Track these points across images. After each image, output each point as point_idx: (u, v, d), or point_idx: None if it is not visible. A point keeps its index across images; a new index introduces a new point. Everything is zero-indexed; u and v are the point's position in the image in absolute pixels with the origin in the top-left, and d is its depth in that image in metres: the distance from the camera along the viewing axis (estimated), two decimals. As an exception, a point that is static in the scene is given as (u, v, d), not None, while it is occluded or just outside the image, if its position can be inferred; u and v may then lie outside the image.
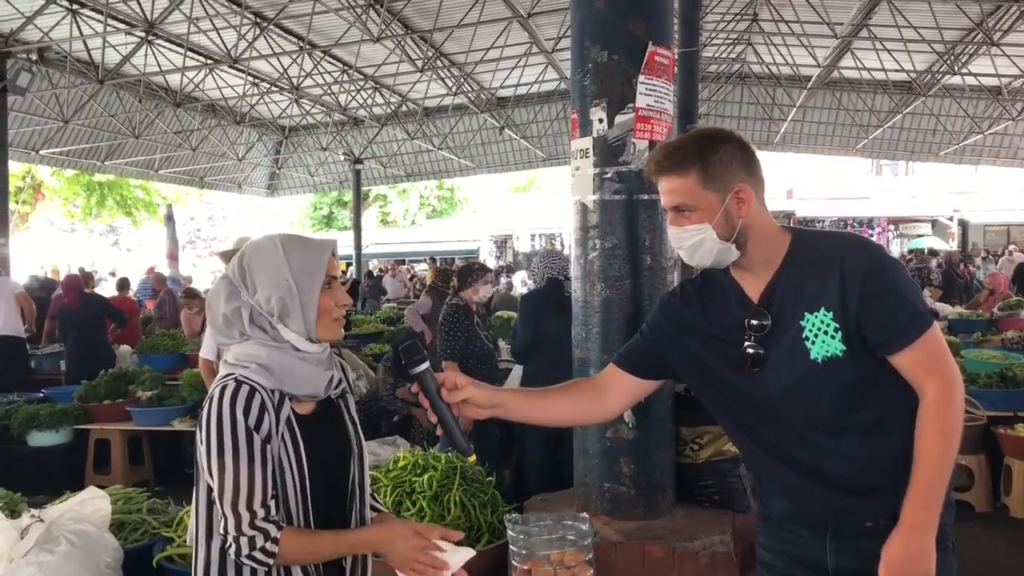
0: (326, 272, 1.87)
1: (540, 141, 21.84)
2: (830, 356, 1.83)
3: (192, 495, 1.88)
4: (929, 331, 1.80)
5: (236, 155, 21.67)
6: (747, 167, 1.89)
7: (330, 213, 37.78)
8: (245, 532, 1.71)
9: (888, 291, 1.81)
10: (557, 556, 2.15)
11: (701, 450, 3.21)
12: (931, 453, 1.76)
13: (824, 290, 1.83)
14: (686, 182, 1.86)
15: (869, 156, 24.43)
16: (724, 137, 1.90)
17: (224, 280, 1.87)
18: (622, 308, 2.92)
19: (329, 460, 1.91)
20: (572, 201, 3.03)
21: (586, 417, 2.29)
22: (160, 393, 7.02)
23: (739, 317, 1.93)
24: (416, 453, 3.43)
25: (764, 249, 1.91)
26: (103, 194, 28.62)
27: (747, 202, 1.87)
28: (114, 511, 3.16)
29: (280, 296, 1.81)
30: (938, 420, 1.77)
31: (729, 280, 1.99)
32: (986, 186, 27.77)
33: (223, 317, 1.84)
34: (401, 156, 23.56)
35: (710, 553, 2.77)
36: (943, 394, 1.78)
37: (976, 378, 6.32)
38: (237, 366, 1.80)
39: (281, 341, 1.83)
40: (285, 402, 1.82)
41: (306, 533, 1.80)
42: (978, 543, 5.29)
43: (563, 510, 2.86)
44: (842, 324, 1.81)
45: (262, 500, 1.72)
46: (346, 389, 2.00)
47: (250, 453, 1.72)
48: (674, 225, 1.92)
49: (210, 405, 1.76)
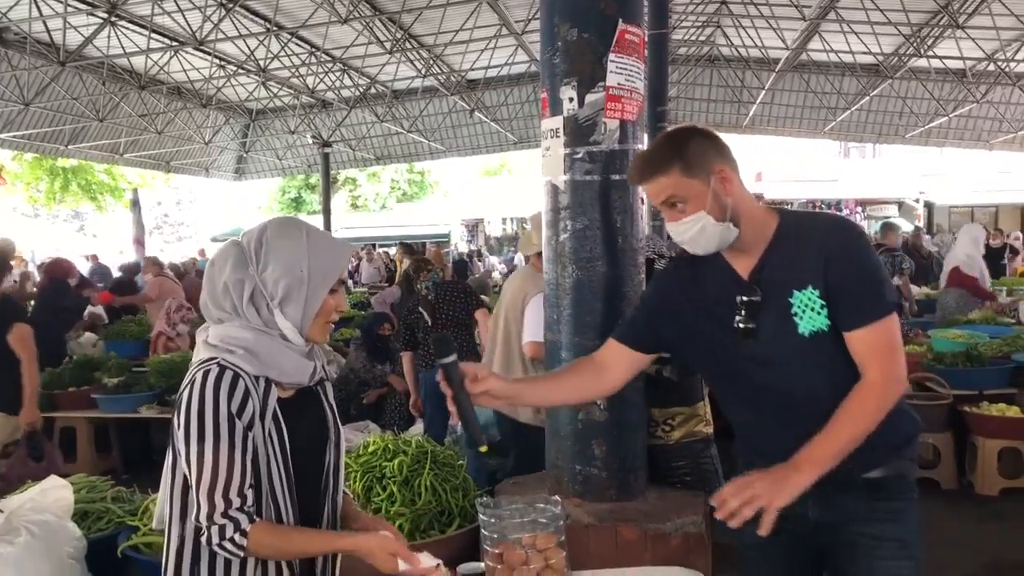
0: (339, 276, 1.87)
1: (511, 124, 21.74)
2: (816, 331, 1.96)
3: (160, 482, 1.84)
4: (887, 319, 1.95)
5: (203, 138, 21.38)
6: (720, 152, 2.01)
7: (298, 196, 37.41)
8: (216, 521, 1.68)
9: (860, 273, 1.95)
10: (529, 539, 2.14)
11: (673, 431, 3.21)
12: (847, 421, 1.91)
13: (810, 269, 1.96)
14: (670, 177, 1.97)
15: (837, 138, 24.61)
16: (691, 131, 2.04)
17: (235, 247, 1.83)
18: (593, 290, 2.90)
19: (306, 446, 1.88)
20: (543, 182, 2.99)
21: (589, 394, 2.41)
22: (127, 380, 6.91)
23: (730, 293, 2.05)
24: (386, 438, 3.40)
25: (753, 229, 2.03)
26: (67, 179, 28.12)
27: (731, 181, 1.99)
28: (77, 500, 3.10)
29: (288, 283, 1.78)
30: (865, 400, 1.92)
31: (720, 259, 2.09)
32: (951, 168, 28.08)
33: (223, 284, 1.79)
34: (370, 139, 23.35)
35: (682, 534, 2.77)
36: (881, 380, 1.93)
37: (942, 358, 6.40)
38: (221, 349, 1.76)
39: (272, 327, 1.80)
40: (272, 389, 1.79)
41: (278, 530, 1.76)
42: (944, 520, 5.36)
43: (535, 493, 2.84)
44: (827, 301, 1.95)
45: (239, 489, 1.69)
46: (324, 376, 1.98)
47: (231, 441, 1.69)
48: (672, 221, 2.02)
49: (191, 389, 1.72)
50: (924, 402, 6.09)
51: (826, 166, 30.63)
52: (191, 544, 1.78)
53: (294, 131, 21.48)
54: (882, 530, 2.02)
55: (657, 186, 1.99)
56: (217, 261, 1.84)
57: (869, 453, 1.97)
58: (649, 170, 2.00)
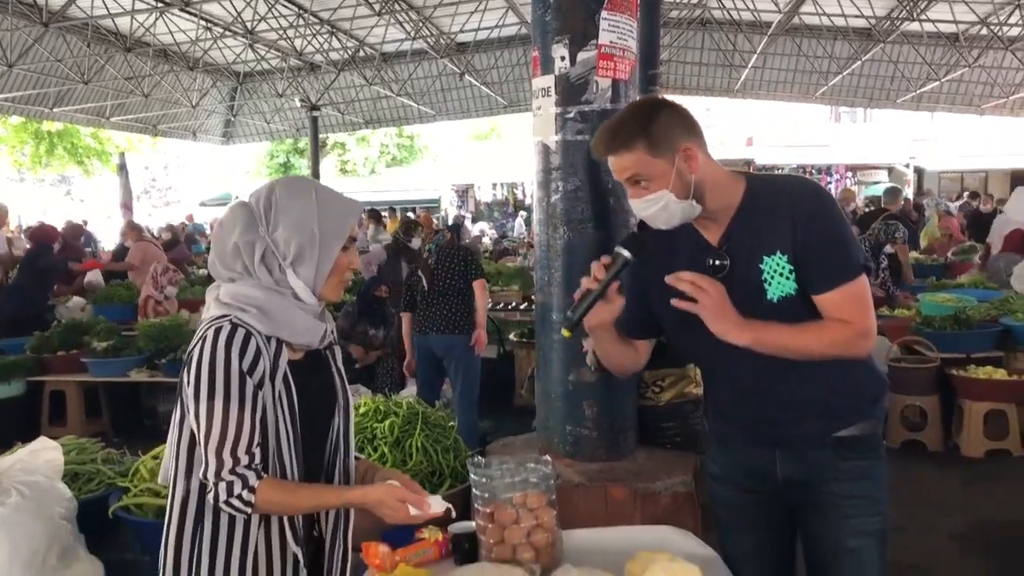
0: (350, 234, 1.84)
1: (501, 87, 21.55)
2: (785, 296, 1.98)
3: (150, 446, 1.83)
4: (856, 281, 1.96)
5: (190, 102, 21.10)
6: (686, 127, 1.99)
7: (287, 161, 37.10)
8: (224, 478, 1.67)
9: (828, 236, 1.95)
10: (520, 498, 2.15)
11: (663, 392, 3.22)
12: (802, 332, 1.95)
13: (779, 234, 1.97)
14: (634, 156, 1.95)
15: (828, 103, 24.53)
16: (659, 104, 2.02)
17: (243, 208, 1.81)
18: (585, 251, 2.88)
19: (315, 409, 1.88)
20: (534, 142, 2.97)
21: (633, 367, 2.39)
22: (116, 344, 6.89)
23: (700, 260, 2.05)
24: (378, 399, 3.40)
25: (719, 198, 2.02)
26: (52, 142, 27.78)
27: (695, 159, 1.97)
28: (67, 462, 3.10)
29: (300, 243, 1.76)
30: (826, 330, 1.95)
31: (689, 227, 2.08)
32: (941, 133, 28.05)
33: (234, 245, 1.77)
34: (359, 103, 23.12)
35: (672, 494, 2.79)
36: (847, 329, 1.94)
37: (931, 321, 6.43)
38: (233, 307, 1.74)
39: (284, 286, 1.78)
40: (283, 349, 1.78)
41: (286, 486, 1.76)
42: (930, 481, 5.43)
43: (525, 453, 2.85)
44: (795, 265, 1.96)
45: (247, 447, 1.69)
46: (333, 341, 1.97)
47: (241, 398, 1.68)
48: (634, 197, 2.01)
49: (203, 346, 1.70)
50: (912, 365, 6.14)
51: (817, 131, 30.54)
52: (195, 501, 1.77)
53: (282, 94, 21.25)
54: (852, 488, 2.05)
55: (621, 162, 1.98)
56: (226, 223, 1.81)
57: (838, 413, 2.04)
58: (613, 145, 1.98)
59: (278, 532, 1.80)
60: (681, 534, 2.39)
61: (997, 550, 4.25)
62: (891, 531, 2.16)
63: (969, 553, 4.31)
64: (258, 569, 1.78)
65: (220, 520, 1.77)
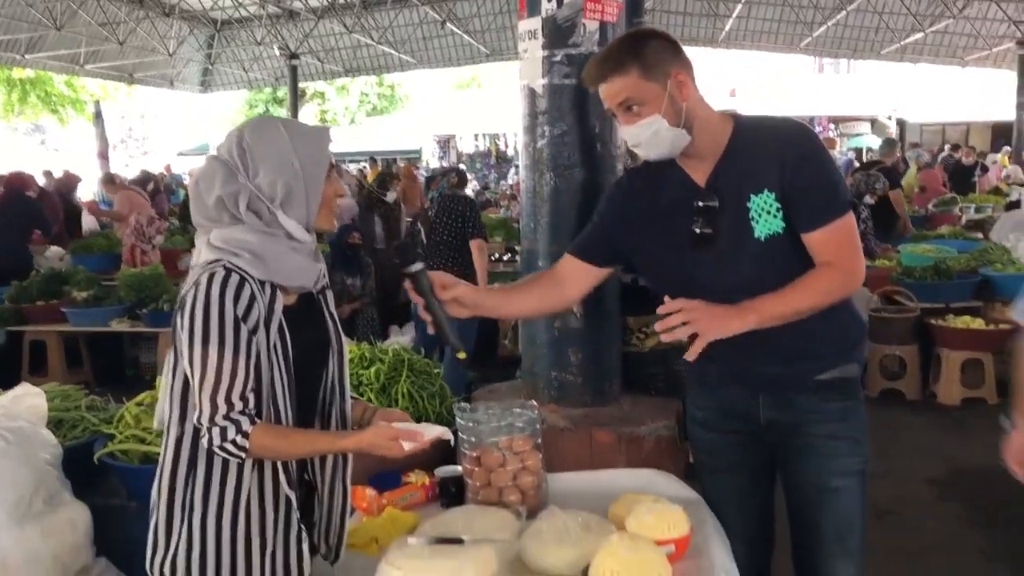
0: (329, 160, 1.81)
1: (483, 36, 21.28)
2: (772, 234, 1.98)
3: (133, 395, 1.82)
4: (843, 218, 1.98)
5: (167, 49, 20.71)
6: (677, 55, 1.98)
7: (266, 111, 36.65)
8: (218, 423, 1.67)
9: (817, 175, 1.97)
10: (506, 442, 2.17)
11: (647, 339, 3.24)
12: (799, 290, 1.95)
13: (767, 173, 1.97)
14: (627, 79, 1.93)
15: (813, 54, 24.44)
16: (649, 33, 2.04)
17: (216, 162, 1.77)
18: (572, 197, 2.87)
19: (309, 354, 1.87)
20: (520, 86, 2.94)
21: (548, 307, 2.39)
22: (96, 293, 6.83)
23: (688, 200, 2.04)
24: (363, 347, 3.40)
25: (708, 135, 2.01)
26: (25, 90, 27.26)
27: (687, 85, 1.96)
28: (51, 408, 3.07)
29: (286, 181, 1.74)
30: (820, 278, 1.96)
31: (675, 167, 2.08)
32: (924, 85, 28.02)
33: (217, 199, 1.73)
34: (339, 51, 22.80)
35: (655, 438, 2.82)
36: (838, 270, 1.96)
37: (911, 272, 6.48)
38: (226, 251, 1.72)
39: (276, 228, 1.75)
40: (277, 295, 1.76)
41: (279, 431, 1.75)
42: (908, 429, 5.52)
43: (511, 399, 2.86)
44: (783, 204, 1.96)
45: (241, 392, 1.68)
46: (326, 284, 1.96)
47: (235, 343, 1.67)
48: (626, 124, 1.99)
49: (196, 291, 1.68)
50: (892, 315, 6.20)
51: (801, 83, 30.43)
52: (189, 445, 1.77)
53: (260, 42, 20.93)
54: (835, 429, 2.09)
55: (614, 87, 1.96)
56: (203, 179, 1.77)
57: (820, 356, 2.07)
58: (606, 70, 1.97)
59: (271, 476, 1.80)
60: (665, 477, 2.42)
61: (970, 494, 4.35)
62: (869, 478, 2.20)
63: (944, 498, 4.41)
64: (251, 512, 1.79)
65: (213, 464, 1.77)
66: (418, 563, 1.74)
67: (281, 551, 1.82)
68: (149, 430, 2.89)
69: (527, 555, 1.87)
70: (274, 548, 1.81)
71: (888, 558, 3.69)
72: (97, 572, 2.83)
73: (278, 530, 1.82)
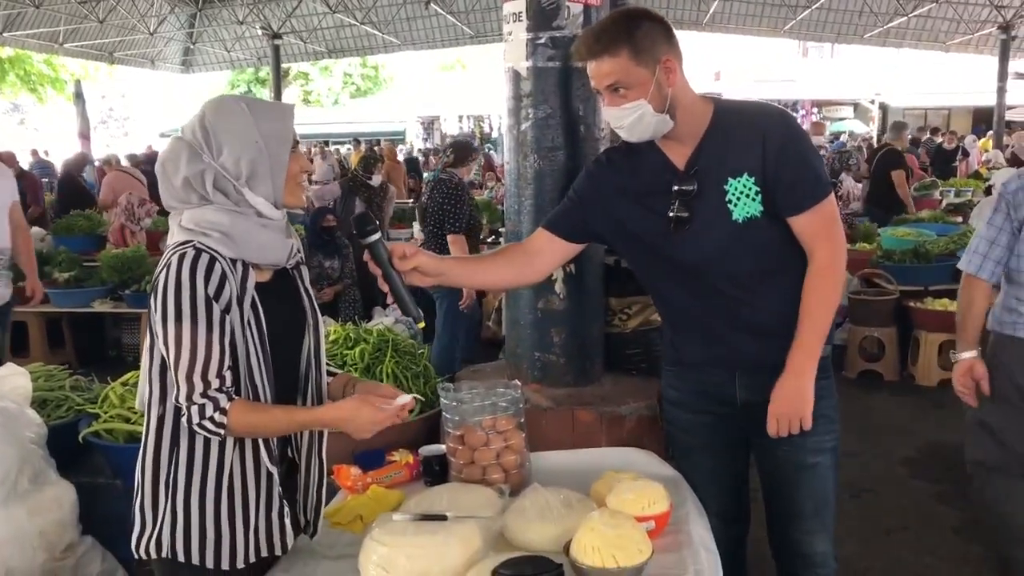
0: (292, 136, 1.82)
1: (467, 17, 21.14)
2: (750, 217, 2.02)
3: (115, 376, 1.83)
4: (827, 199, 2.03)
5: (147, 28, 20.47)
6: (668, 40, 2.00)
7: (248, 91, 36.33)
8: (196, 401, 1.68)
9: (800, 159, 2.01)
10: (489, 422, 2.21)
11: (629, 320, 3.27)
12: (815, 311, 2.03)
13: (747, 157, 2.00)
14: (618, 62, 1.94)
15: (796, 38, 24.45)
16: (644, 14, 2.03)
17: (180, 143, 1.78)
18: (555, 180, 2.89)
19: (284, 330, 1.88)
20: (504, 68, 2.94)
21: (517, 280, 2.41)
22: (78, 275, 6.80)
23: (666, 183, 2.07)
24: (348, 327, 3.42)
25: (689, 119, 2.04)
26: (3, 69, 26.89)
27: (674, 71, 1.98)
28: (35, 388, 3.08)
29: (251, 159, 1.75)
30: (823, 282, 2.02)
31: (655, 149, 2.10)
32: (907, 69, 28.14)
33: (183, 180, 1.75)
34: (322, 31, 22.57)
35: (636, 417, 2.85)
36: (830, 257, 2.03)
37: (891, 254, 6.55)
38: (196, 232, 1.73)
39: (244, 206, 1.77)
40: (249, 272, 1.77)
41: (258, 407, 1.77)
42: (885, 409, 5.60)
43: (495, 379, 2.89)
44: (762, 188, 2.00)
45: (217, 370, 1.69)
46: (300, 260, 1.97)
47: (208, 321, 1.68)
48: (612, 105, 2.01)
49: (167, 272, 1.69)
50: (872, 298, 6.27)
51: (784, 67, 30.49)
52: (171, 424, 1.79)
53: (243, 21, 20.70)
54: None
55: (603, 68, 1.98)
56: (167, 162, 1.79)
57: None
58: (597, 49, 1.97)
59: (252, 453, 1.82)
60: (646, 455, 2.46)
61: (944, 474, 4.42)
62: (846, 456, 2.26)
63: (918, 476, 4.48)
64: (233, 489, 1.81)
65: (196, 442, 1.79)
66: (403, 539, 1.78)
67: (264, 527, 1.85)
68: (134, 409, 2.91)
69: (510, 531, 1.91)
70: (257, 524, 1.84)
71: (864, 535, 3.77)
72: (83, 550, 2.86)
73: (260, 506, 1.84)
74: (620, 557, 1.64)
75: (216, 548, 1.80)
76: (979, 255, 2.85)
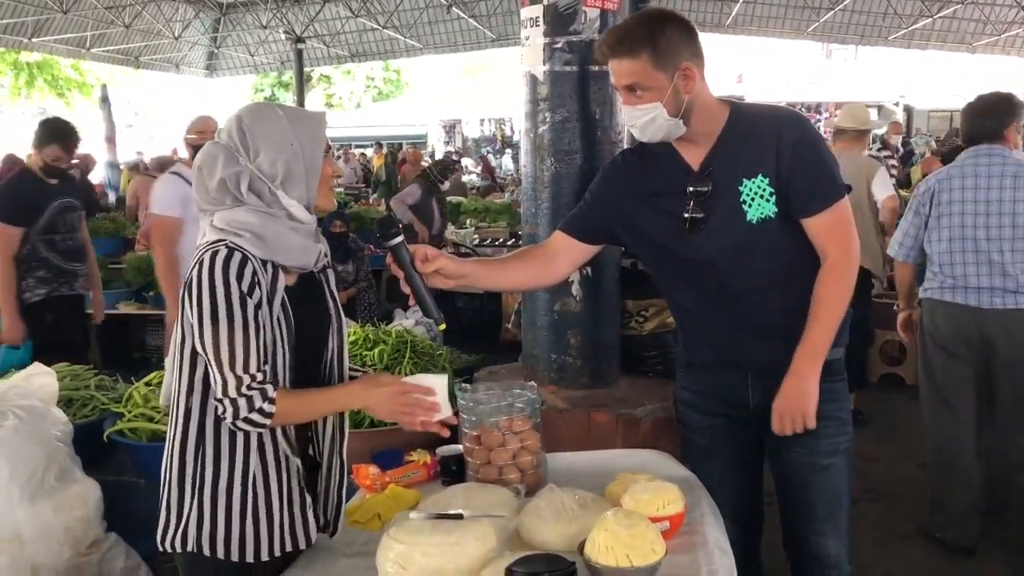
0: (326, 142, 1.87)
1: (489, 20, 21.16)
2: (764, 218, 2.03)
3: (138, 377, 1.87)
4: (841, 201, 2.04)
5: (172, 33, 20.69)
6: (691, 46, 2.02)
7: (272, 95, 36.58)
8: (244, 393, 1.71)
9: (815, 161, 2.03)
10: (506, 423, 2.22)
11: (646, 322, 3.28)
12: (822, 314, 2.04)
13: (761, 158, 2.02)
14: (637, 64, 1.97)
15: (820, 40, 24.28)
16: (669, 17, 2.05)
17: (216, 146, 1.82)
18: (572, 183, 2.91)
19: (310, 333, 1.92)
20: (521, 72, 2.97)
21: (537, 282, 2.45)
22: (104, 277, 6.88)
23: (681, 184, 2.09)
24: (367, 328, 3.45)
25: (705, 121, 2.06)
26: (32, 74, 27.23)
27: (693, 79, 2.00)
28: (61, 388, 3.13)
29: (286, 160, 1.79)
30: (832, 283, 2.04)
31: (670, 150, 2.13)
32: (932, 72, 27.86)
33: (219, 181, 1.79)
34: (345, 35, 22.71)
35: (652, 419, 2.87)
36: (842, 258, 2.04)
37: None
38: (228, 232, 1.76)
39: (277, 208, 1.80)
40: (279, 275, 1.81)
41: (299, 394, 1.83)
42: (905, 413, 5.55)
43: (511, 381, 2.91)
44: (776, 189, 2.01)
45: (258, 364, 1.73)
46: (327, 264, 2.00)
47: (244, 318, 1.71)
48: (628, 104, 2.04)
49: (200, 270, 1.73)
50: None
51: (808, 69, 30.28)
52: (197, 420, 1.82)
53: (266, 26, 20.84)
54: (824, 410, 2.12)
55: (623, 68, 2.00)
56: (204, 164, 1.82)
57: None
58: (619, 49, 2.00)
59: (272, 449, 1.85)
60: (661, 457, 2.46)
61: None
62: (866, 460, 2.26)
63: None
64: (257, 484, 1.84)
65: (221, 438, 1.82)
66: (419, 537, 1.79)
67: (287, 521, 1.88)
68: (157, 409, 2.95)
69: (525, 531, 1.92)
70: (281, 519, 1.87)
71: (883, 539, 3.75)
72: (107, 546, 2.90)
73: (283, 502, 1.87)
74: (633, 556, 1.65)
75: (240, 542, 1.84)
76: (902, 245, 3.68)
